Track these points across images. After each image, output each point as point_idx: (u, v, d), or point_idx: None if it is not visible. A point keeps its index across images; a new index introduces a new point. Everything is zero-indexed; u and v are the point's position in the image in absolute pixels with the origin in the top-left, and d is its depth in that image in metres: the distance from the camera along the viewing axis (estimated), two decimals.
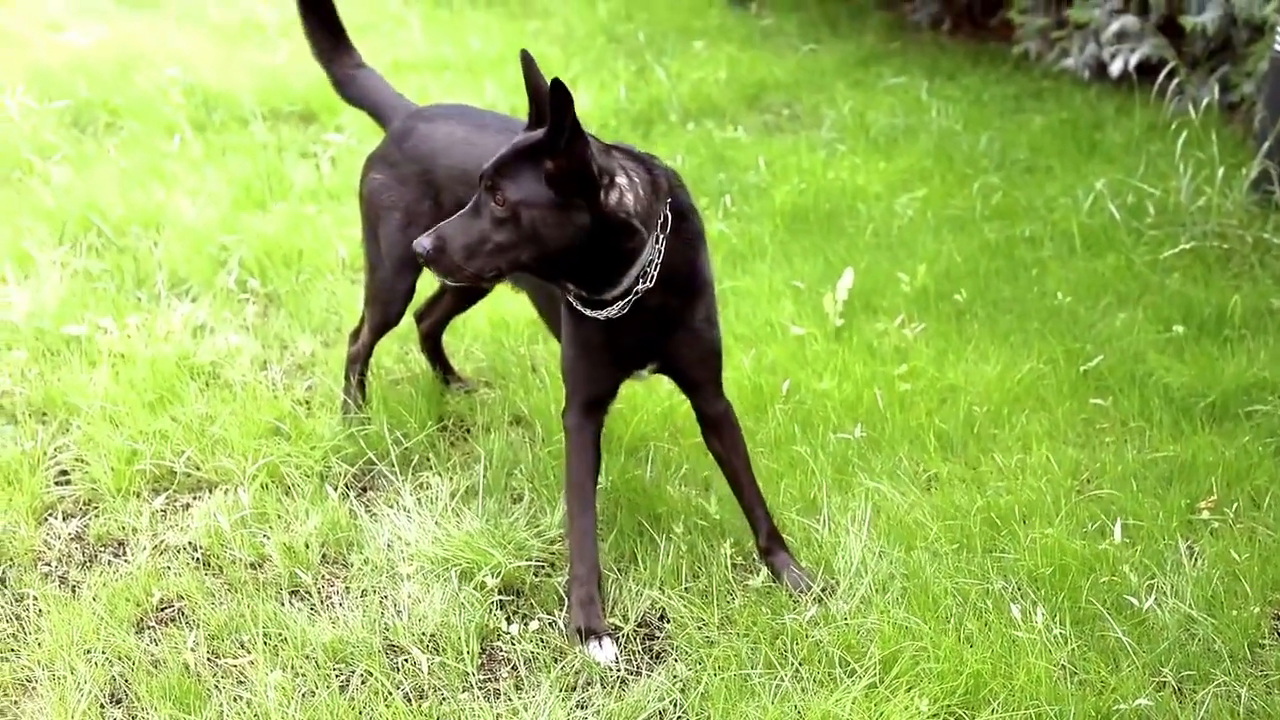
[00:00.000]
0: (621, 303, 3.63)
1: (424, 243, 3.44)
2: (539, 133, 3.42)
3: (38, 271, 5.65)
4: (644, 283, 3.60)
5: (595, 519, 3.85)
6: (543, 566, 4.04)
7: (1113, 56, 8.13)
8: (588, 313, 3.68)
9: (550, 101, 3.30)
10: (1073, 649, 3.61)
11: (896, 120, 7.75)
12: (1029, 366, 5.02)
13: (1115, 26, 8.04)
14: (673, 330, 3.76)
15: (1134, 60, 7.97)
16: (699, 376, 3.90)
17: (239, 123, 7.68)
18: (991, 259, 5.96)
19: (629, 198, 3.50)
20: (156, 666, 3.63)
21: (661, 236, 3.60)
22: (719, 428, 3.98)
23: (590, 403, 3.88)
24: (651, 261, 3.59)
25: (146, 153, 7.18)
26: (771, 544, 3.97)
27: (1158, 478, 4.40)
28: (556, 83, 3.27)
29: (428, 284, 4.74)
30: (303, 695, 3.51)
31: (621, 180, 3.49)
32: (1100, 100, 8.07)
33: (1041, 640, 3.61)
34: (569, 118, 3.31)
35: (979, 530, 4.10)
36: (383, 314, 4.53)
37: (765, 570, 3.95)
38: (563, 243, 3.44)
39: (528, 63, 3.55)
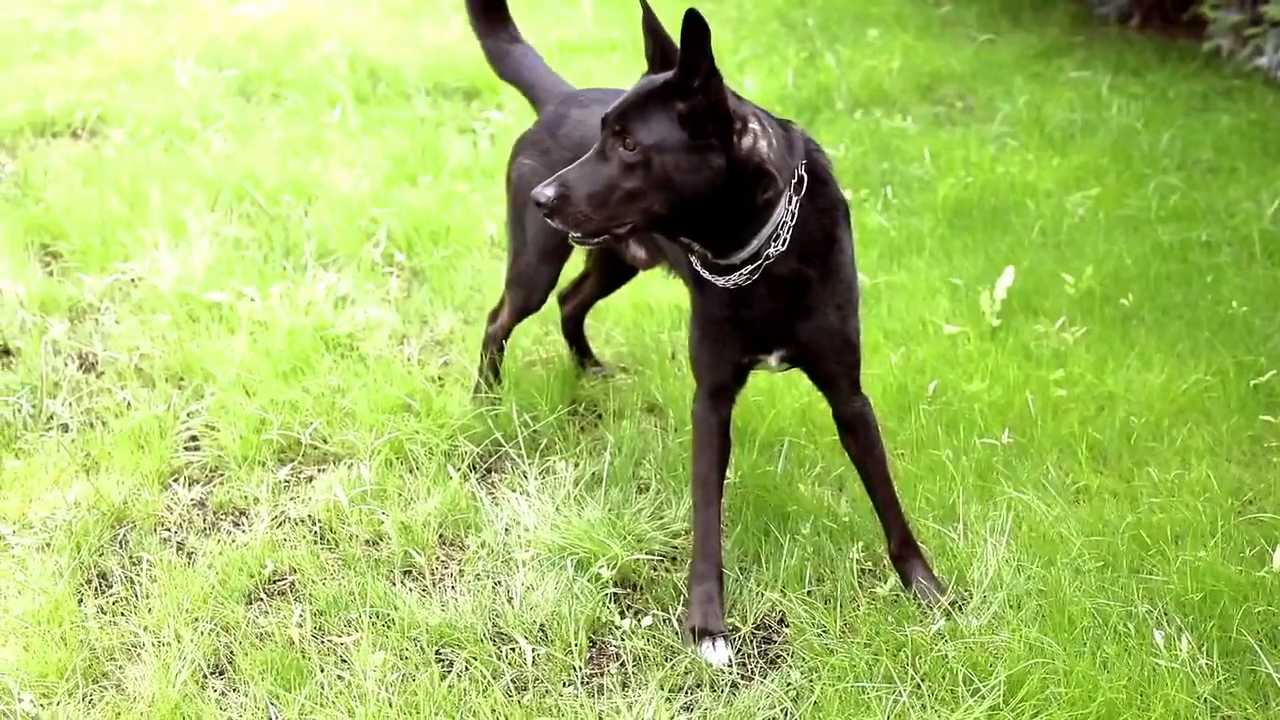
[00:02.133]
0: (751, 268, 3.42)
1: (546, 191, 3.24)
2: (667, 74, 3.25)
3: (188, 239, 5.66)
4: (775, 246, 3.40)
5: (720, 514, 3.70)
6: (662, 560, 3.90)
7: None
8: (715, 280, 3.48)
9: (683, 35, 3.12)
10: (1218, 682, 3.37)
11: (1074, 116, 7.43)
12: (1195, 377, 4.74)
13: None
14: (805, 311, 3.54)
15: None
16: (832, 370, 3.69)
17: (401, 97, 7.66)
18: (1164, 262, 5.66)
19: (763, 144, 3.31)
20: (262, 639, 3.58)
21: (795, 198, 3.41)
22: (854, 428, 3.77)
23: (716, 389, 3.71)
24: (783, 223, 3.40)
25: (307, 124, 7.20)
26: (904, 550, 3.77)
27: None
28: (691, 14, 3.08)
29: (573, 268, 4.63)
30: (401, 678, 3.42)
31: (755, 126, 3.31)
32: None
33: (1185, 671, 3.36)
34: (706, 53, 3.13)
35: (1126, 548, 3.86)
36: (524, 299, 4.43)
37: (894, 577, 3.77)
38: (697, 189, 3.25)
39: (645, 5, 3.38)
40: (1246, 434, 4.49)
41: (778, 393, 4.59)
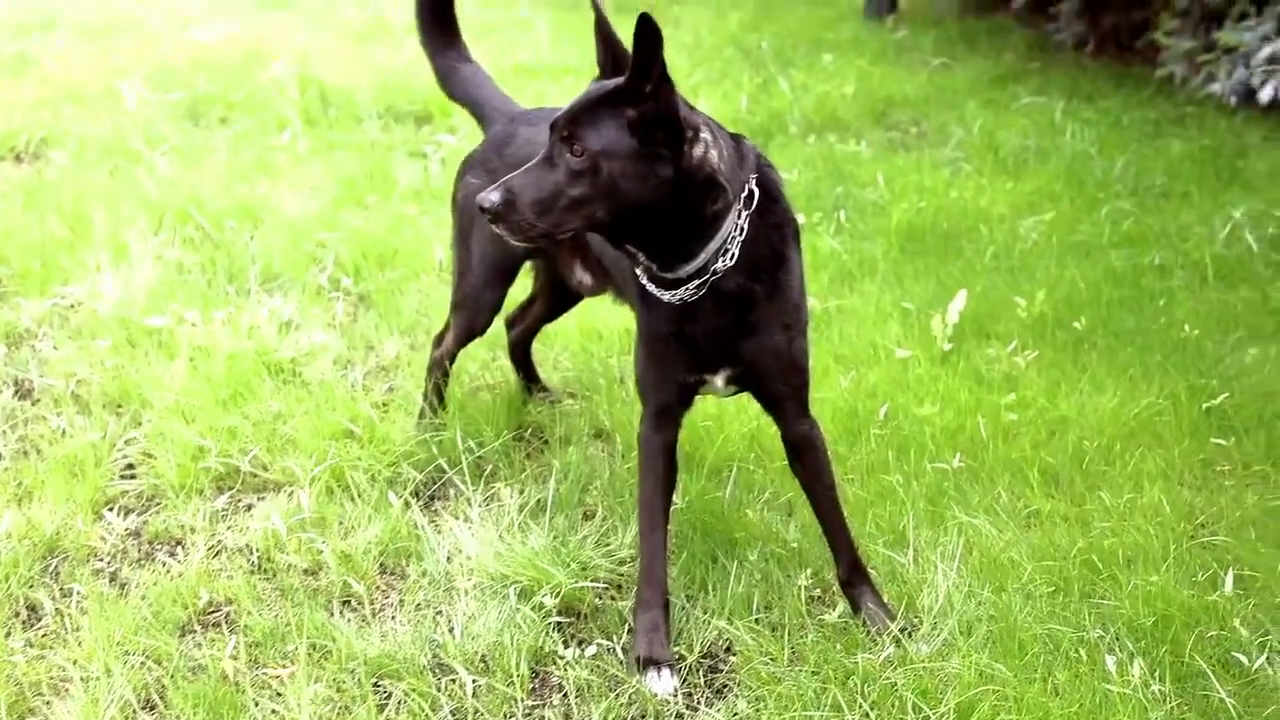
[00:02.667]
0: (698, 282, 3.34)
1: (491, 197, 3.16)
2: (617, 80, 3.18)
3: (130, 262, 5.57)
4: (723, 260, 3.32)
5: (666, 539, 3.63)
6: (608, 588, 3.82)
7: (1263, 82, 7.71)
8: (660, 294, 3.40)
9: (635, 40, 3.05)
10: (1171, 708, 3.31)
11: (1028, 141, 7.41)
12: (1147, 401, 4.69)
13: (1266, 51, 7.62)
14: (750, 329, 3.46)
15: None
16: (779, 391, 3.61)
17: (352, 120, 7.60)
18: (1116, 287, 5.63)
19: (713, 154, 3.24)
20: (194, 672, 3.49)
21: (745, 213, 3.34)
22: (802, 451, 3.70)
23: (661, 409, 3.63)
24: (732, 237, 3.32)
25: (255, 147, 7.12)
26: (853, 576, 3.70)
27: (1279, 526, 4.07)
28: (644, 18, 3.00)
29: (520, 291, 4.56)
30: (338, 711, 3.33)
31: (706, 136, 3.25)
32: (1246, 127, 7.65)
33: (1137, 696, 3.30)
34: (658, 58, 3.06)
35: (1078, 573, 3.81)
36: (469, 322, 4.35)
37: (843, 604, 3.70)
38: (644, 198, 3.18)
39: (597, 10, 3.32)
40: (1198, 458, 4.44)
41: (727, 418, 4.53)
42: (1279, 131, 7.49)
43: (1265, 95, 7.64)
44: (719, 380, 3.59)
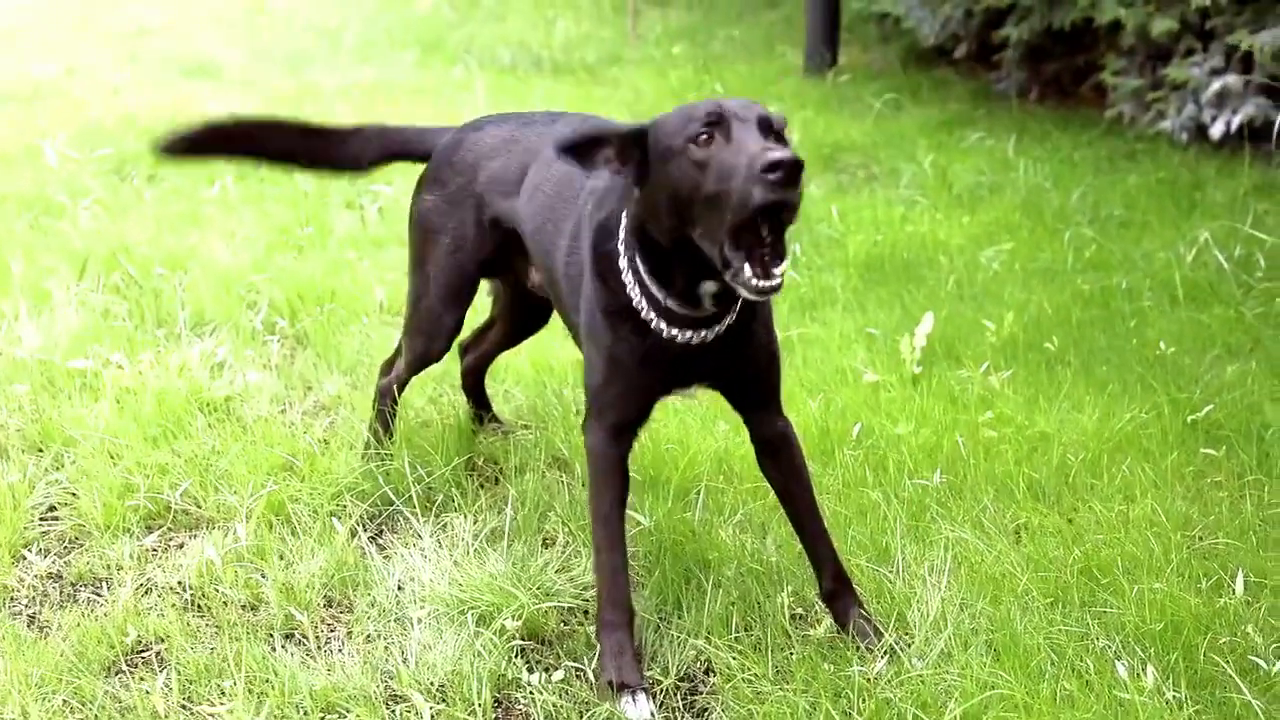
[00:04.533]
0: (720, 324, 3.20)
1: (786, 153, 2.80)
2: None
3: (52, 308, 5.26)
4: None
5: (626, 555, 3.33)
6: (573, 613, 3.53)
7: (1214, 118, 7.62)
8: (671, 331, 3.15)
9: None
10: (1190, 714, 3.05)
11: (981, 178, 7.26)
12: (1130, 415, 4.48)
13: (1216, 86, 7.53)
14: (738, 340, 3.25)
15: (1236, 122, 7.46)
16: (761, 390, 3.39)
17: (285, 175, 7.29)
18: (1085, 309, 5.44)
19: None
20: (123, 713, 3.15)
21: None
22: (778, 450, 3.44)
23: (621, 426, 3.35)
24: None
25: (185, 201, 6.83)
26: (837, 586, 3.43)
27: None
28: None
29: (476, 314, 4.29)
30: None
31: None
32: (1200, 162, 7.54)
33: (1155, 703, 3.04)
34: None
35: (1076, 582, 3.56)
36: (424, 348, 4.05)
37: (828, 619, 3.42)
38: None
39: None
40: (1188, 469, 4.22)
41: (691, 439, 4.27)
42: (1233, 164, 7.37)
43: (1217, 131, 7.56)
44: (693, 389, 3.35)
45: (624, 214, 3.19)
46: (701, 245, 2.96)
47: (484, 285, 4.26)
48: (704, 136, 2.92)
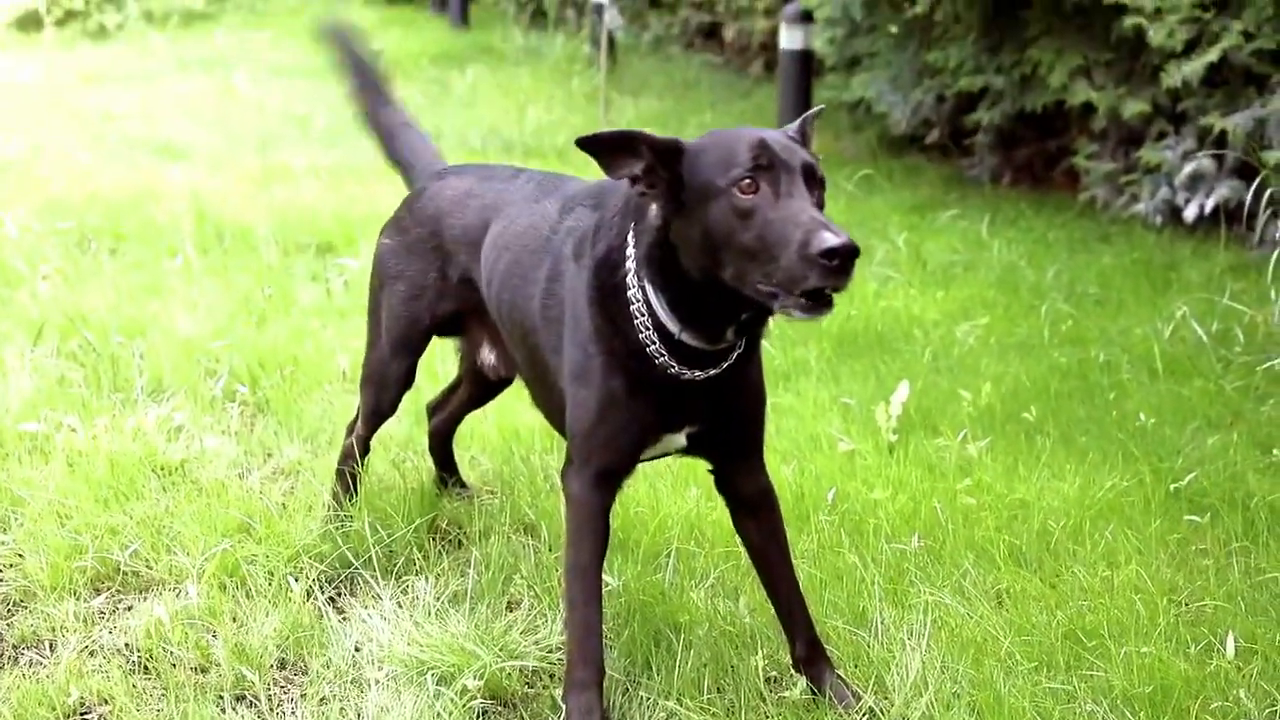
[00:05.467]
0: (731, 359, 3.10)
1: (844, 237, 2.65)
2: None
3: (4, 373, 5.12)
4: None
5: (601, 612, 3.18)
6: (539, 675, 3.38)
7: (1187, 201, 7.58)
8: (679, 370, 3.01)
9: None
10: None
11: (955, 256, 7.20)
12: (1111, 483, 4.37)
13: (1189, 169, 7.50)
14: (734, 374, 3.12)
15: (1210, 204, 7.42)
16: (748, 436, 3.27)
17: (248, 249, 7.18)
18: (1063, 381, 5.35)
19: None
20: None
21: None
22: (758, 508, 3.32)
23: (607, 471, 3.18)
24: None
25: (147, 272, 6.70)
26: (812, 652, 3.29)
27: (1271, 599, 3.71)
28: None
29: (434, 370, 4.16)
30: None
31: None
32: (1174, 243, 7.49)
33: None
34: None
35: (1061, 646, 3.42)
36: (375, 399, 3.95)
37: (804, 682, 3.27)
38: None
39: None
40: (1172, 536, 4.11)
41: (661, 502, 4.14)
42: (1207, 246, 7.34)
43: (1190, 213, 7.52)
44: (680, 438, 3.20)
45: (629, 244, 3.03)
46: (730, 284, 2.83)
47: (453, 344, 4.17)
48: (748, 181, 2.79)
